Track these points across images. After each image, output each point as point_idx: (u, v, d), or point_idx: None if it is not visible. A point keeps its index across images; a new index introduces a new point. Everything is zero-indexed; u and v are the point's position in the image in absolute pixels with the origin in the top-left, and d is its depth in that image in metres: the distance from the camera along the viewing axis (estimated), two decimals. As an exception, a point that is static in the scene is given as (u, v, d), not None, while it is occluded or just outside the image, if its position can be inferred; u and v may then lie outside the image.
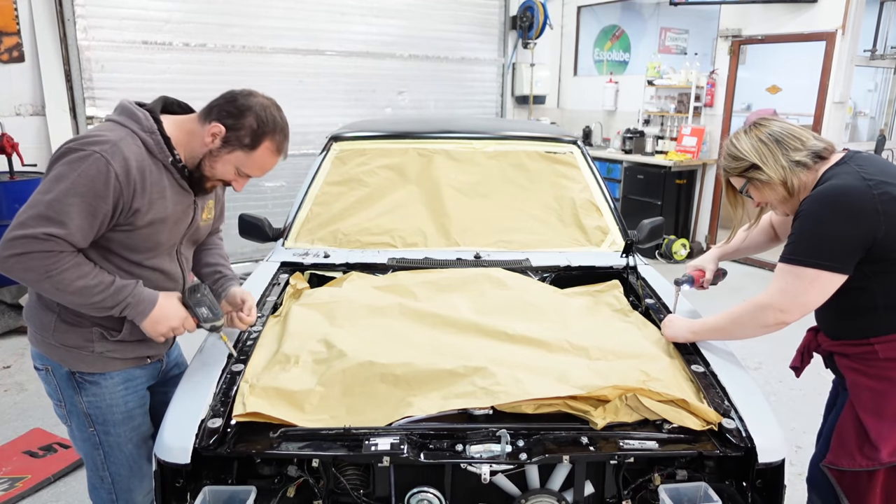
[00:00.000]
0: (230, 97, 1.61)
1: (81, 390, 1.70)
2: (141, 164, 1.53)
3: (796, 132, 1.71)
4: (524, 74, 7.66)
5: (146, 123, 1.58)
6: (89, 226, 1.48)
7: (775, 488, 1.49)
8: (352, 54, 6.52)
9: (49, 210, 1.43)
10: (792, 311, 1.65)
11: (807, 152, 1.68)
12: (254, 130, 1.59)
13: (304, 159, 6.01)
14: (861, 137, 7.08)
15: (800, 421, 3.45)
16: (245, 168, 1.64)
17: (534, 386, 1.58)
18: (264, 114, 1.60)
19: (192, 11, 5.62)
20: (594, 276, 2.52)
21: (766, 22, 6.12)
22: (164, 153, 1.59)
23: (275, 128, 1.62)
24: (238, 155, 1.61)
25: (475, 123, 3.63)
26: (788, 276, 1.63)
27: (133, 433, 1.77)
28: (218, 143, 1.59)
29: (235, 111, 1.59)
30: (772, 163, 1.68)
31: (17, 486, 2.84)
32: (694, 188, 7.02)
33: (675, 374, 1.72)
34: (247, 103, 1.60)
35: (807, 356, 1.94)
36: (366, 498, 1.56)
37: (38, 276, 1.45)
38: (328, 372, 1.68)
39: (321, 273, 2.56)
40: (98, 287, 1.51)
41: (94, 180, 1.45)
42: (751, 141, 1.72)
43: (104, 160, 1.46)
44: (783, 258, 1.65)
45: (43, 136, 5.12)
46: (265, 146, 1.62)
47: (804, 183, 1.69)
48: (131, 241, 1.59)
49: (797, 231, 1.63)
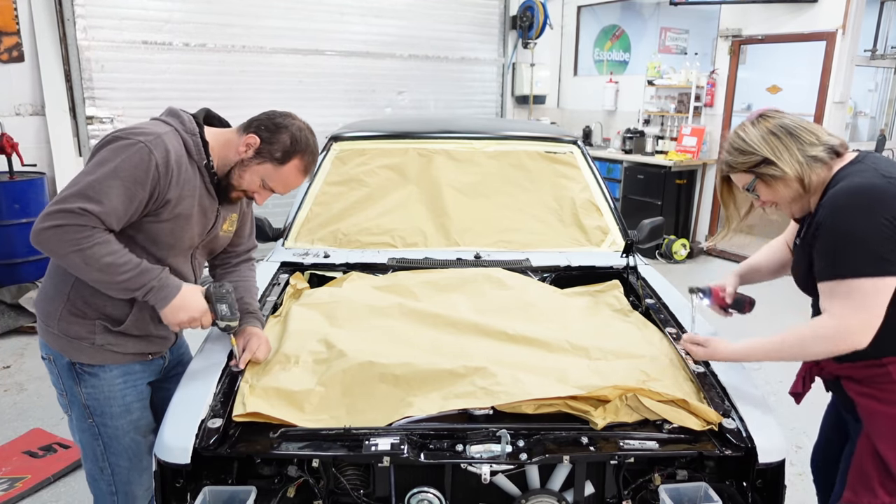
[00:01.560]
0: (271, 114, 1.72)
1: (81, 381, 1.72)
2: (179, 160, 1.61)
3: (810, 125, 1.58)
4: (524, 74, 7.66)
5: (189, 125, 1.67)
6: (125, 210, 1.54)
7: (775, 488, 1.49)
8: (352, 54, 6.52)
9: (89, 189, 1.49)
10: (867, 330, 1.45)
11: (823, 147, 1.54)
12: (286, 147, 1.68)
13: (304, 159, 6.02)
14: (861, 137, 7.08)
15: (800, 421, 3.45)
16: (271, 181, 1.71)
17: (534, 386, 1.58)
18: (299, 134, 1.70)
19: (192, 11, 5.63)
20: (594, 276, 2.52)
21: (766, 22, 6.12)
22: (201, 154, 1.67)
23: (306, 149, 1.71)
24: (267, 167, 1.69)
25: (475, 123, 3.63)
26: (851, 295, 1.44)
27: (131, 426, 1.78)
28: (251, 154, 1.68)
29: (273, 127, 1.69)
30: (787, 157, 1.53)
31: (17, 486, 2.84)
32: (694, 188, 7.03)
33: (675, 374, 1.72)
34: (284, 122, 1.70)
35: (808, 381, 1.78)
36: (366, 498, 1.56)
37: (70, 248, 1.49)
38: (328, 372, 1.68)
39: (321, 273, 2.56)
40: (126, 266, 1.55)
41: (136, 167, 1.52)
42: (760, 133, 1.57)
43: (147, 149, 1.53)
44: (827, 276, 1.47)
45: (43, 136, 5.12)
46: (293, 164, 1.70)
47: (821, 179, 1.55)
48: (155, 233, 1.64)
49: (831, 242, 1.46)
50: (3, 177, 4.74)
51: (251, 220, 2.06)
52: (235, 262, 2.03)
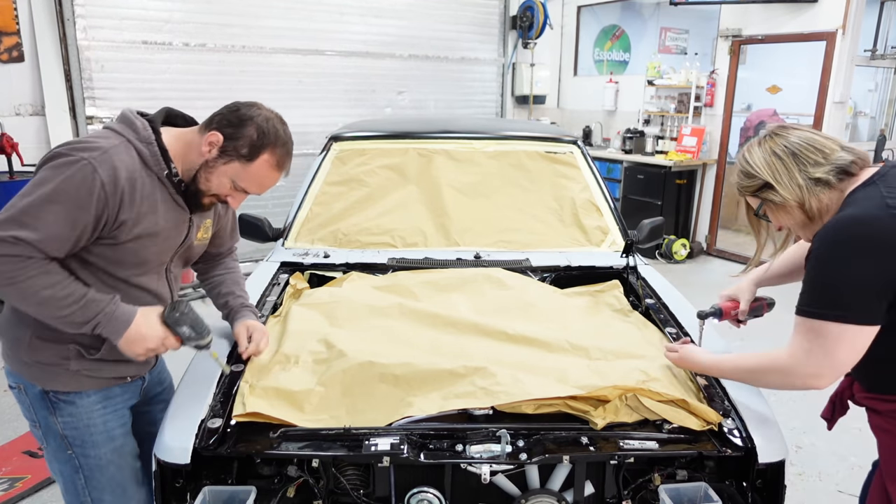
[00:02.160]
0: (233, 107, 1.55)
1: (56, 410, 1.59)
2: (132, 175, 1.45)
3: (819, 143, 1.43)
4: (524, 74, 7.66)
5: (143, 133, 1.50)
6: (66, 236, 1.39)
7: (775, 488, 1.49)
8: (352, 54, 6.52)
9: (24, 215, 1.35)
10: (823, 374, 1.36)
11: (829, 167, 1.40)
12: (253, 141, 1.51)
13: (304, 159, 5.99)
14: (861, 137, 7.08)
15: (800, 421, 3.45)
16: (241, 182, 1.55)
17: (534, 386, 1.58)
18: (266, 125, 1.53)
19: (192, 11, 5.63)
20: (594, 276, 2.52)
21: (766, 22, 6.12)
22: (160, 165, 1.51)
23: (276, 141, 1.53)
24: (235, 167, 1.52)
25: (475, 123, 3.63)
26: (809, 335, 1.36)
27: (115, 455, 1.65)
28: (215, 153, 1.51)
29: (236, 120, 1.52)
30: (786, 181, 1.41)
31: (16, 486, 2.84)
32: (694, 188, 7.03)
33: (675, 374, 1.72)
34: (249, 114, 1.53)
35: (840, 406, 1.66)
36: (366, 498, 1.56)
37: (2, 282, 1.35)
38: (328, 372, 1.68)
39: (321, 273, 2.56)
40: (67, 299, 1.40)
41: (78, 188, 1.37)
42: (764, 154, 1.45)
43: (91, 167, 1.38)
44: (799, 309, 1.38)
45: (43, 136, 5.12)
46: (263, 159, 1.53)
47: (826, 205, 1.41)
48: (116, 256, 1.50)
49: (809, 276, 1.37)
50: (3, 177, 4.74)
51: (233, 219, 1.93)
52: (217, 263, 1.95)
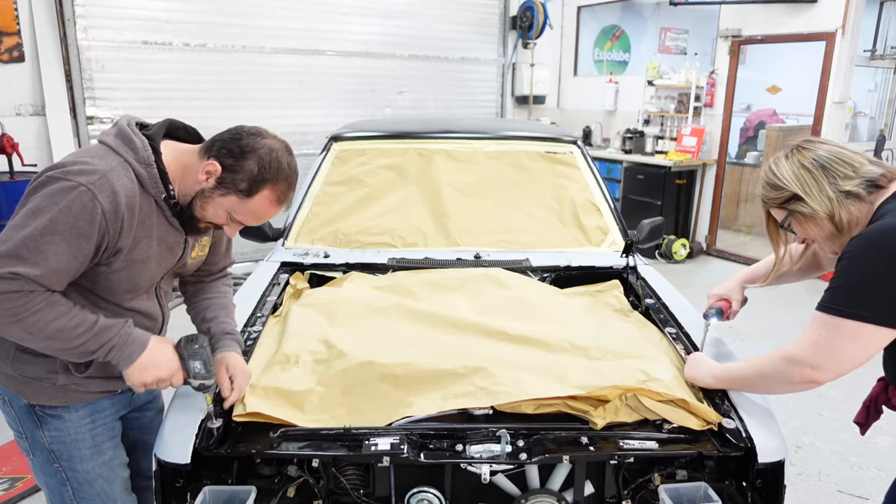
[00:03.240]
0: (236, 134, 1.43)
1: (43, 424, 1.53)
2: (131, 200, 1.36)
3: (847, 156, 1.45)
4: (524, 74, 7.66)
5: (143, 154, 1.40)
6: (67, 268, 1.32)
7: (775, 488, 1.49)
8: (352, 54, 6.52)
9: (22, 248, 1.26)
10: (824, 368, 1.37)
11: (859, 181, 1.42)
12: (253, 176, 1.40)
13: (304, 159, 5.99)
14: (861, 137, 7.08)
15: (800, 421, 3.45)
16: (238, 215, 1.46)
17: (534, 386, 1.58)
18: (269, 158, 1.41)
19: (192, 11, 5.63)
20: (594, 276, 2.52)
21: (766, 22, 6.12)
22: (158, 188, 1.42)
23: (277, 176, 1.42)
24: (232, 200, 1.42)
25: (475, 123, 3.63)
26: (823, 328, 1.37)
27: (103, 468, 1.61)
28: (212, 184, 1.41)
29: (238, 151, 1.40)
30: (816, 193, 1.42)
31: (17, 486, 2.84)
32: (694, 188, 7.03)
33: (675, 374, 1.72)
34: (251, 144, 1.41)
35: (874, 411, 1.64)
36: (366, 498, 1.56)
37: (7, 320, 1.28)
38: (328, 372, 1.68)
39: (321, 273, 2.56)
40: (79, 328, 1.33)
41: (78, 217, 1.28)
42: (792, 167, 1.46)
43: (90, 194, 1.29)
44: (820, 305, 1.39)
45: (43, 136, 5.12)
46: (263, 195, 1.42)
47: (855, 217, 1.43)
48: (108, 283, 1.44)
49: (838, 275, 1.38)
50: (3, 177, 4.74)
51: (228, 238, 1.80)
52: (210, 280, 1.82)
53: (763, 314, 4.06)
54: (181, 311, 1.85)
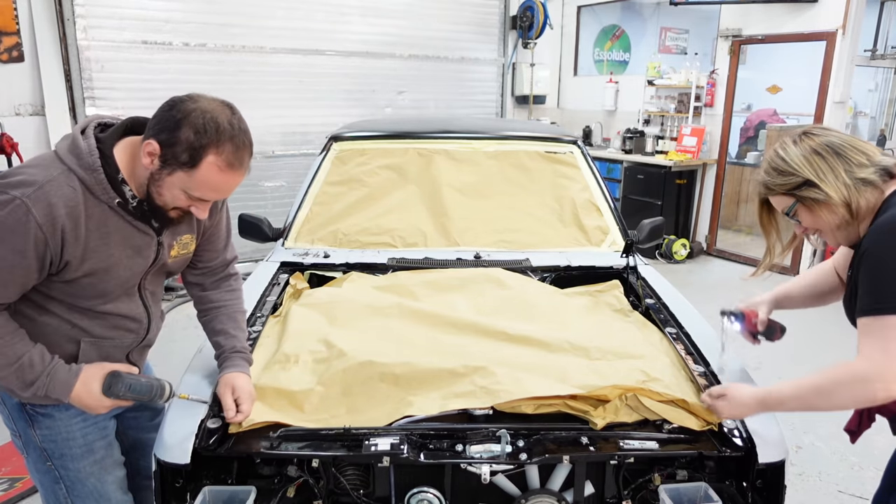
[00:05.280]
0: (166, 106, 1.32)
1: (34, 423, 1.53)
2: (73, 211, 1.29)
3: (860, 144, 1.41)
4: (524, 74, 7.66)
5: (87, 160, 1.32)
6: (5, 281, 1.28)
7: (775, 488, 1.49)
8: (352, 54, 6.52)
9: None
10: None
11: (874, 168, 1.37)
12: (191, 144, 1.28)
13: (304, 159, 6.02)
14: (861, 137, 7.05)
15: (800, 421, 3.45)
16: (193, 191, 1.34)
17: (534, 385, 1.58)
18: (202, 120, 1.29)
19: (192, 11, 5.62)
20: (594, 276, 2.52)
21: (766, 22, 6.12)
22: (109, 194, 1.34)
23: (218, 138, 1.30)
24: (179, 176, 1.32)
25: (475, 123, 3.63)
26: (884, 331, 1.26)
27: (95, 467, 1.60)
28: (157, 164, 1.31)
29: (171, 123, 1.29)
30: (831, 179, 1.37)
31: (16, 486, 2.84)
32: (694, 188, 7.03)
33: (675, 374, 1.72)
34: (183, 110, 1.29)
35: (867, 418, 1.59)
36: (366, 498, 1.56)
37: None
38: (328, 372, 1.68)
39: (321, 273, 2.56)
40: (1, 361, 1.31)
41: (12, 232, 1.24)
42: (802, 152, 1.40)
43: (24, 207, 1.23)
44: (865, 310, 1.30)
45: (43, 136, 5.11)
46: (209, 162, 1.30)
47: (872, 205, 1.38)
48: (72, 291, 1.39)
49: (869, 274, 1.31)
50: (3, 177, 4.74)
51: (226, 230, 1.71)
52: (212, 282, 1.74)
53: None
54: (181, 312, 1.85)
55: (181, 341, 2.29)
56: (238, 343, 1.66)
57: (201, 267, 1.72)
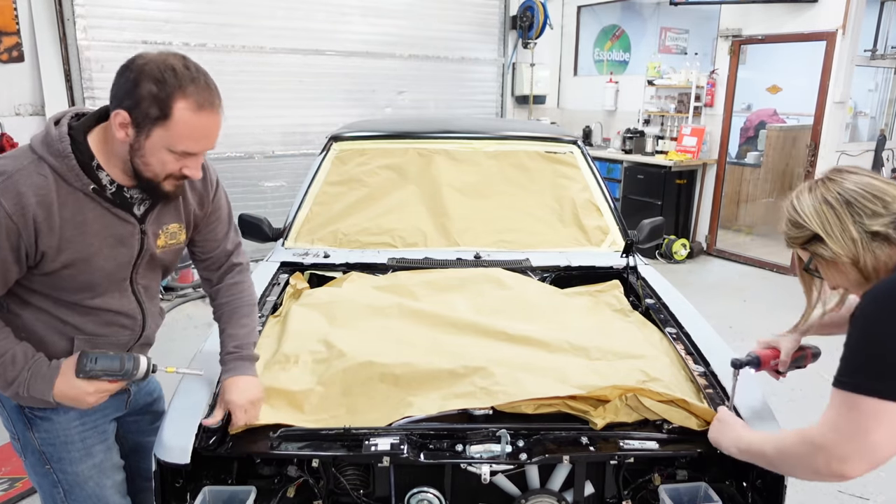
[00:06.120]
0: (120, 71, 1.31)
1: (33, 426, 1.51)
2: (45, 199, 1.27)
3: (878, 189, 1.23)
4: (524, 74, 7.66)
5: (57, 146, 1.30)
6: None
7: (776, 488, 1.49)
8: (352, 54, 6.52)
9: None
10: (852, 458, 1.15)
11: (889, 219, 1.20)
12: (155, 95, 1.26)
13: (304, 159, 6.01)
14: (861, 137, 7.08)
15: (800, 421, 3.44)
16: (177, 145, 1.30)
17: (533, 386, 1.58)
18: (158, 70, 1.27)
19: (192, 11, 5.63)
20: (594, 276, 2.52)
21: (766, 22, 6.12)
22: (83, 180, 1.31)
23: (180, 83, 1.27)
24: (158, 134, 1.28)
25: (475, 123, 3.64)
26: (842, 408, 1.17)
27: (94, 471, 1.58)
28: (132, 133, 1.29)
29: (128, 86, 1.27)
30: (838, 233, 1.22)
31: (16, 486, 2.84)
32: (694, 188, 7.03)
33: (675, 374, 1.72)
34: (134, 69, 1.27)
35: None
36: (366, 498, 1.56)
37: None
38: (328, 372, 1.68)
39: (321, 273, 2.56)
40: None
41: None
42: (814, 202, 1.27)
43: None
44: (836, 380, 1.19)
45: (43, 136, 5.12)
46: (180, 108, 1.27)
47: (883, 263, 1.22)
48: (55, 284, 1.36)
49: (851, 341, 1.19)
50: (3, 177, 4.74)
51: (226, 217, 1.68)
52: (219, 275, 1.71)
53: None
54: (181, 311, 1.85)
55: (181, 341, 2.29)
56: (238, 340, 1.63)
57: (205, 259, 1.69)
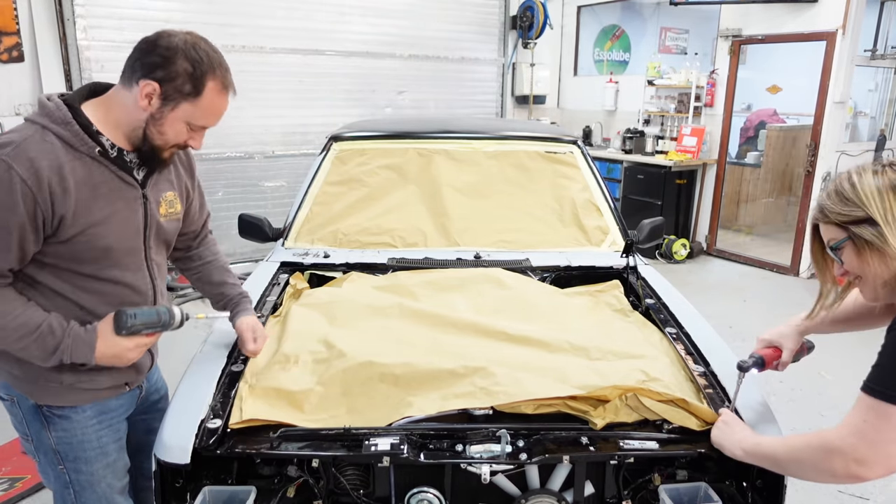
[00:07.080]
0: (147, 47, 1.37)
1: (49, 425, 1.53)
2: (56, 163, 1.32)
3: None
4: (524, 74, 7.66)
5: (58, 114, 1.35)
6: (4, 245, 1.29)
7: (776, 488, 1.49)
8: (352, 54, 6.52)
9: None
10: (871, 463, 1.15)
11: None
12: (190, 74, 1.36)
13: (304, 159, 6.02)
14: (861, 137, 7.08)
15: (800, 421, 3.45)
16: (197, 120, 1.42)
17: (534, 386, 1.58)
18: (194, 51, 1.36)
19: (192, 11, 5.63)
20: (594, 276, 2.52)
21: (766, 22, 6.12)
22: (87, 144, 1.37)
23: (212, 62, 1.39)
24: (185, 108, 1.39)
25: (475, 123, 3.64)
26: (869, 414, 1.15)
27: (107, 470, 1.61)
28: (157, 103, 1.37)
29: (162, 60, 1.35)
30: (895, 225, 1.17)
31: (16, 486, 2.84)
32: (694, 188, 7.03)
33: (675, 374, 1.72)
34: (169, 45, 1.35)
35: None
36: (366, 498, 1.56)
37: None
38: (328, 372, 1.68)
39: (321, 273, 2.56)
40: (20, 330, 1.32)
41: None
42: (878, 184, 1.19)
43: (5, 165, 1.26)
44: (865, 385, 1.18)
45: (43, 136, 5.12)
46: (210, 88, 1.39)
47: None
48: (71, 253, 1.39)
49: (887, 349, 1.18)
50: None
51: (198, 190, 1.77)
52: (198, 241, 1.81)
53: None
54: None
55: (181, 341, 2.28)
56: (241, 290, 1.82)
57: (186, 231, 1.77)
